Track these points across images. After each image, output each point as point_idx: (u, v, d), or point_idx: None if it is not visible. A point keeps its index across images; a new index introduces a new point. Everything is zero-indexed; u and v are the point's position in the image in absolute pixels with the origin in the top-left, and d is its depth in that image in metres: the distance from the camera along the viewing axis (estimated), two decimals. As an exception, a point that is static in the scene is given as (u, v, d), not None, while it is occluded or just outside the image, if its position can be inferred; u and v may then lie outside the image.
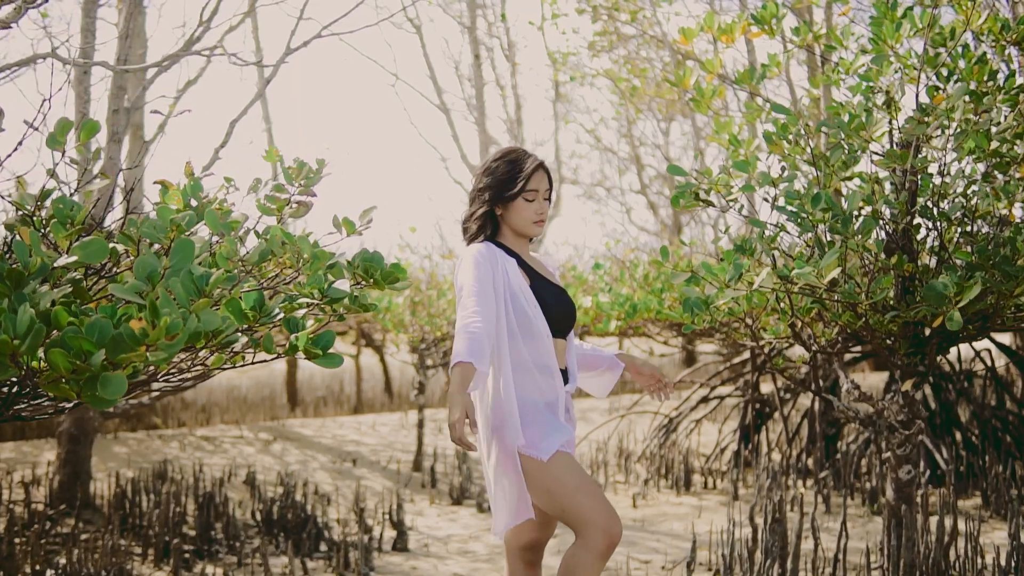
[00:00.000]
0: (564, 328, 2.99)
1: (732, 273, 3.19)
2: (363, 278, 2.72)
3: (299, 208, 2.85)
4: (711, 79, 6.01)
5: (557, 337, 2.95)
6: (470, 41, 13.35)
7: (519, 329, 2.87)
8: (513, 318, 2.87)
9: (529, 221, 2.98)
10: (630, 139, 20.47)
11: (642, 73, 15.30)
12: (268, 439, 7.83)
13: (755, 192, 3.55)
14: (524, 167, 3.00)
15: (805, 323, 3.84)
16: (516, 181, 2.96)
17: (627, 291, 7.05)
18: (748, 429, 7.62)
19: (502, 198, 2.96)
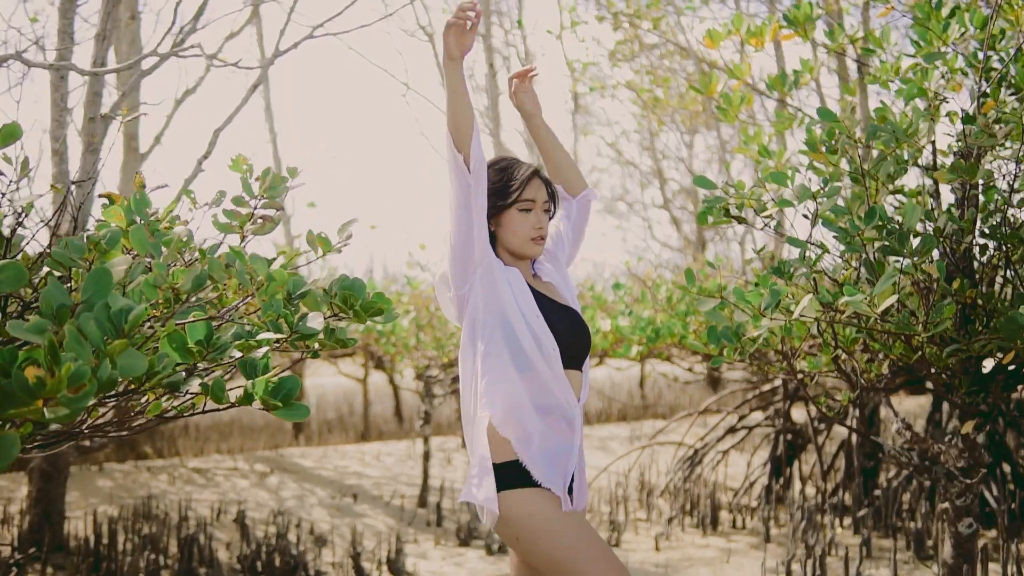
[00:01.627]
0: (579, 357, 2.66)
1: (768, 300, 2.83)
2: (341, 309, 2.39)
3: (264, 224, 2.51)
4: (739, 86, 5.66)
5: (570, 368, 2.61)
6: (484, 49, 13.05)
7: (512, 360, 2.53)
8: (503, 346, 2.53)
9: (526, 237, 2.66)
10: (652, 152, 20.13)
11: (665, 83, 14.98)
12: (264, 471, 7.50)
13: (793, 207, 3.20)
14: (516, 174, 2.68)
15: (850, 356, 3.48)
16: (508, 190, 2.64)
17: (649, 313, 6.70)
18: (779, 461, 7.23)
19: (493, 209, 2.64)
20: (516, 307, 2.55)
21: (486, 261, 2.58)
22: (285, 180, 2.55)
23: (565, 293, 2.78)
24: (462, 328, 2.65)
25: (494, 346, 2.53)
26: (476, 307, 2.57)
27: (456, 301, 2.62)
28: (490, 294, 2.56)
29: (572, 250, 2.93)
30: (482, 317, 2.56)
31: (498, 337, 2.53)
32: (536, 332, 2.53)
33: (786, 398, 7.26)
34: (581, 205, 2.93)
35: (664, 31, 13.76)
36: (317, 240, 2.65)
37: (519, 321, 2.53)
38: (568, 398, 2.56)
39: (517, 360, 2.52)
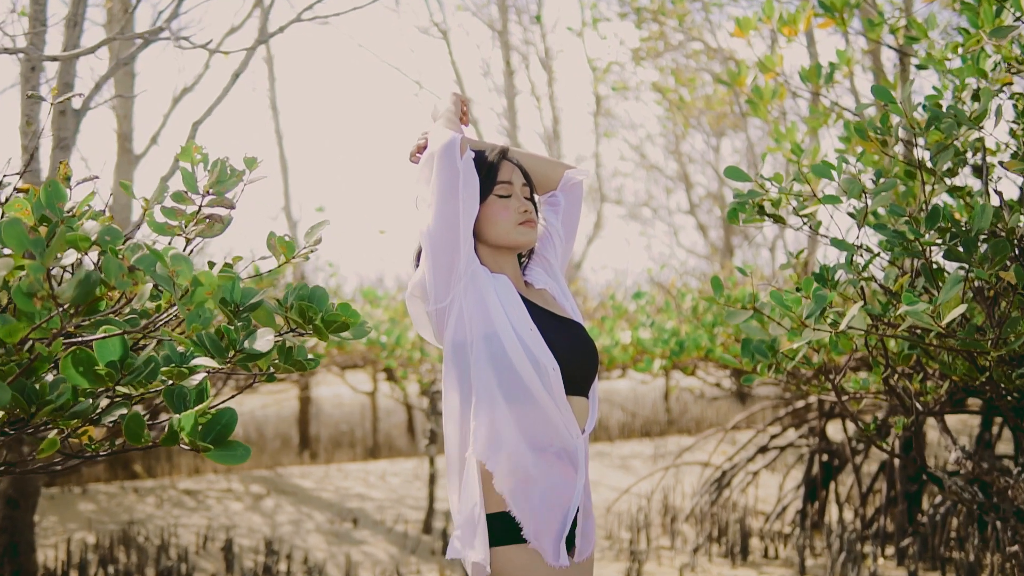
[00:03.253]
0: (584, 381, 2.30)
1: (812, 309, 2.46)
2: (299, 324, 2.04)
3: (211, 224, 2.16)
4: (770, 78, 5.31)
5: (573, 394, 2.25)
6: (501, 46, 12.73)
7: (501, 386, 2.17)
8: (491, 369, 2.17)
9: (512, 222, 2.33)
10: (678, 155, 19.76)
11: (690, 83, 14.62)
12: (260, 493, 7.15)
13: (838, 205, 2.82)
14: (485, 158, 2.38)
15: (903, 375, 3.10)
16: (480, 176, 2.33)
17: (673, 324, 6.32)
18: (814, 483, 6.83)
19: None
20: (506, 320, 2.20)
21: (471, 269, 2.24)
22: (236, 172, 2.20)
23: (563, 303, 2.44)
24: (443, 350, 2.29)
25: (481, 370, 2.17)
26: (459, 323, 2.23)
27: (434, 317, 2.27)
28: (475, 307, 2.22)
29: (566, 247, 2.59)
30: (466, 335, 2.21)
31: (484, 358, 2.17)
32: (531, 350, 2.17)
33: (821, 415, 6.87)
34: (569, 190, 2.59)
35: (690, 28, 13.41)
36: (279, 244, 2.31)
37: (510, 337, 2.18)
38: (571, 430, 2.20)
39: (508, 386, 2.16)
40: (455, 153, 2.24)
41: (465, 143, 2.31)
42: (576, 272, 18.20)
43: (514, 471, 2.13)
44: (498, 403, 2.14)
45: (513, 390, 2.15)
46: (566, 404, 2.19)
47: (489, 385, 2.15)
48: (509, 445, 2.14)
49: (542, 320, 2.27)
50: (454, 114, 2.44)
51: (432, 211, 2.22)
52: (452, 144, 2.25)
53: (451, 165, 2.23)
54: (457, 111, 2.47)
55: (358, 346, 7.38)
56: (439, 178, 2.23)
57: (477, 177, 2.28)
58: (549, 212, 2.56)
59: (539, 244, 2.53)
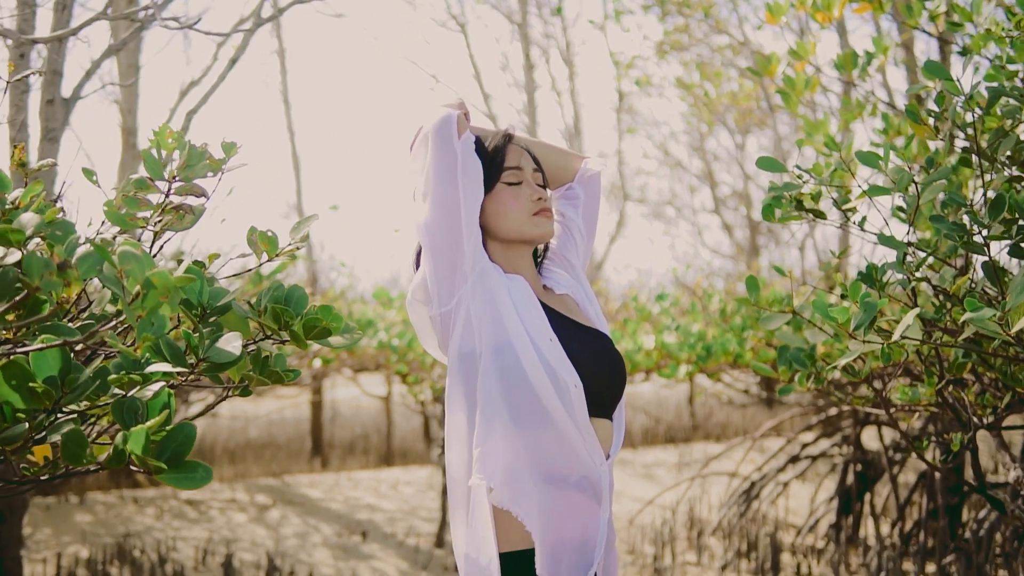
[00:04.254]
0: (610, 400, 2.05)
1: (862, 319, 2.21)
2: (271, 330, 1.81)
3: (180, 215, 1.93)
4: (802, 67, 5.06)
5: (597, 416, 2.00)
6: (521, 39, 12.49)
7: (511, 407, 1.92)
8: (502, 385, 1.93)
9: (526, 212, 2.08)
10: (702, 153, 19.48)
11: (716, 77, 14.36)
12: (266, 503, 6.94)
13: (889, 195, 2.57)
14: (489, 143, 2.13)
15: (957, 386, 2.85)
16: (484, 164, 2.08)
17: (699, 328, 6.07)
18: (848, 495, 6.56)
19: None
20: (521, 328, 1.94)
21: (479, 267, 1.99)
22: (210, 156, 1.97)
23: (588, 309, 2.18)
24: (447, 362, 2.05)
25: (490, 385, 1.92)
26: (466, 330, 1.97)
27: (439, 323, 2.01)
28: (485, 311, 1.96)
29: (587, 245, 2.33)
30: (475, 345, 1.96)
31: (494, 372, 1.92)
32: (550, 364, 1.92)
33: (856, 423, 6.60)
34: (586, 181, 2.34)
35: (716, 22, 13.16)
36: (260, 241, 2.08)
37: (526, 348, 1.92)
38: (595, 457, 1.95)
39: (522, 406, 1.91)
40: (451, 131, 1.99)
41: (464, 122, 2.05)
42: (598, 272, 17.95)
43: (527, 506, 1.89)
44: (509, 425, 1.90)
45: (527, 410, 1.90)
46: (589, 427, 1.93)
47: (499, 404, 1.90)
48: (521, 475, 1.89)
49: (563, 329, 2.02)
50: (456, 106, 2.17)
51: (429, 201, 1.98)
52: (447, 121, 1.99)
53: (447, 146, 1.98)
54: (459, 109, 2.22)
55: (370, 349, 7.16)
56: (435, 161, 1.98)
57: (479, 160, 2.02)
58: (567, 207, 2.32)
59: (558, 243, 2.29)
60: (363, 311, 8.19)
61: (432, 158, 1.99)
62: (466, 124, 2.08)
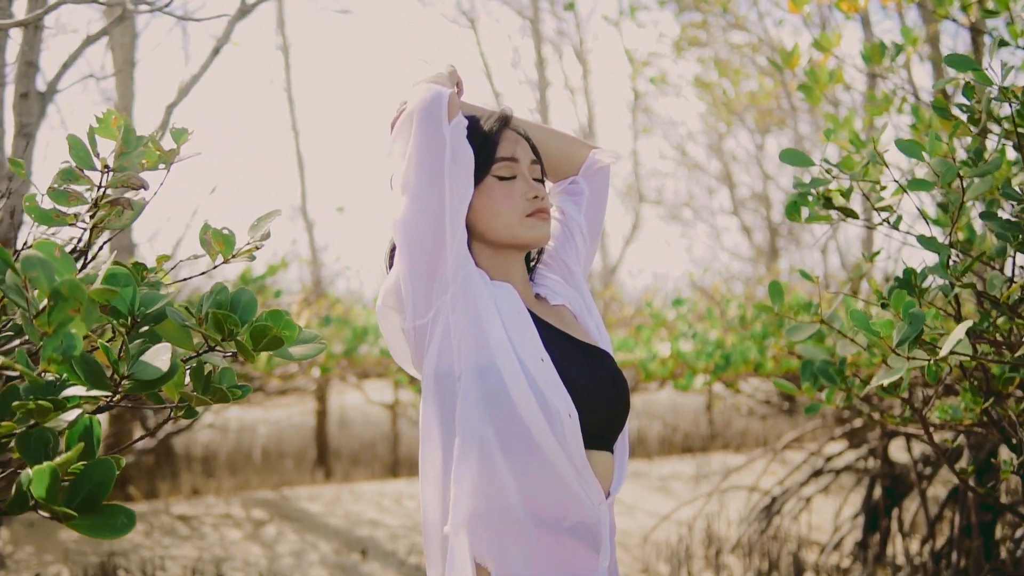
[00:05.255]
0: (610, 431, 1.80)
1: (907, 333, 1.96)
2: (212, 339, 1.58)
3: (117, 211, 1.70)
4: (826, 60, 4.83)
5: (595, 448, 1.76)
6: (532, 35, 12.27)
7: (499, 438, 1.67)
8: (485, 413, 1.68)
9: (518, 214, 1.82)
10: (719, 153, 19.21)
11: (735, 74, 14.12)
12: (262, 518, 6.71)
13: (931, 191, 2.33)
14: (480, 126, 1.85)
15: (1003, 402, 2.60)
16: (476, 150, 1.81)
17: (717, 335, 5.82)
18: (875, 511, 6.30)
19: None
20: (507, 346, 1.69)
21: (462, 274, 1.74)
22: (143, 141, 1.75)
23: (587, 323, 1.93)
24: (421, 383, 1.80)
25: (470, 413, 1.68)
26: (444, 347, 1.73)
27: (412, 336, 1.77)
28: (466, 326, 1.71)
29: (589, 248, 2.06)
30: (453, 365, 1.71)
31: (476, 398, 1.68)
32: (541, 389, 1.68)
33: (883, 435, 6.35)
34: (593, 175, 2.07)
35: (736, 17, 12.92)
36: (214, 239, 1.85)
37: (512, 370, 1.67)
38: (593, 496, 1.70)
39: (507, 437, 1.66)
40: (440, 113, 1.73)
41: (456, 101, 1.80)
42: (612, 276, 17.68)
43: (513, 556, 1.64)
44: (491, 460, 1.65)
45: (514, 443, 1.66)
46: (585, 463, 1.69)
47: (480, 435, 1.66)
48: (505, 520, 1.65)
49: (558, 347, 1.77)
50: (447, 77, 1.91)
51: (408, 193, 1.73)
52: (436, 101, 1.74)
53: (435, 130, 1.73)
54: (451, 80, 1.94)
55: (372, 355, 6.94)
56: (418, 147, 1.73)
57: (471, 149, 1.77)
58: (569, 203, 2.05)
59: (555, 245, 2.02)
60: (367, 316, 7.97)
61: (416, 143, 1.74)
62: (459, 104, 1.83)
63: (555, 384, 1.68)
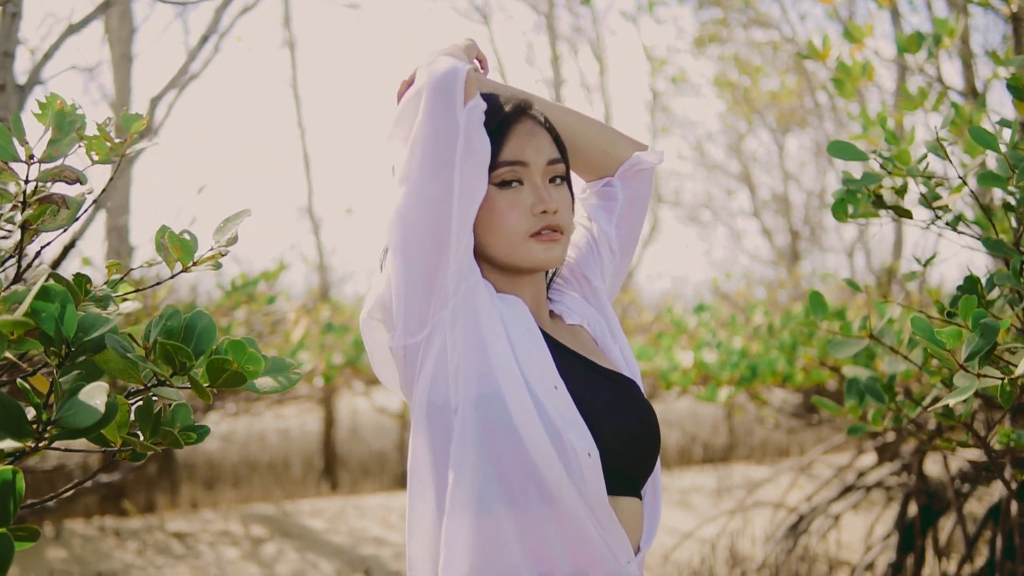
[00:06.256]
0: (639, 472, 1.54)
1: (978, 346, 1.71)
2: (160, 372, 1.34)
3: (50, 210, 1.47)
4: (857, 51, 4.59)
5: (621, 494, 1.50)
6: (547, 31, 12.03)
7: (500, 481, 1.42)
8: (487, 450, 1.43)
9: (522, 231, 1.55)
10: (738, 154, 18.94)
11: (756, 72, 13.88)
12: (262, 536, 6.47)
13: (1003, 188, 2.07)
14: (493, 111, 1.56)
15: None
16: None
17: (741, 343, 5.57)
18: (909, 529, 6.04)
19: None
20: (515, 371, 1.44)
21: (465, 285, 1.48)
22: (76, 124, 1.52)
23: (609, 347, 1.66)
24: (410, 413, 1.55)
25: (469, 451, 1.43)
26: (438, 373, 1.48)
27: (401, 357, 1.52)
28: (468, 348, 1.46)
29: (620, 264, 1.78)
30: (449, 394, 1.46)
31: (476, 433, 1.43)
32: (554, 422, 1.43)
33: (919, 449, 6.08)
34: (632, 177, 1.77)
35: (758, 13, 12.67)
36: (171, 245, 1.61)
37: (520, 400, 1.43)
38: (618, 552, 1.44)
39: (512, 480, 1.42)
40: (455, 93, 1.46)
41: (474, 81, 1.52)
42: (630, 280, 17.43)
43: None
44: (494, 509, 1.41)
45: (520, 488, 1.41)
46: (608, 511, 1.43)
47: (480, 478, 1.42)
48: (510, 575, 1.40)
49: (575, 373, 1.52)
50: (465, 51, 1.63)
51: (409, 185, 1.48)
52: (452, 76, 1.47)
53: (447, 111, 1.46)
54: (471, 54, 1.66)
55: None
56: (426, 132, 1.47)
57: (487, 138, 1.50)
58: (599, 210, 1.78)
59: (577, 256, 1.76)
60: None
61: (423, 126, 1.47)
62: (477, 84, 1.56)
63: (571, 416, 1.44)
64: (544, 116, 1.63)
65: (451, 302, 1.47)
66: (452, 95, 1.46)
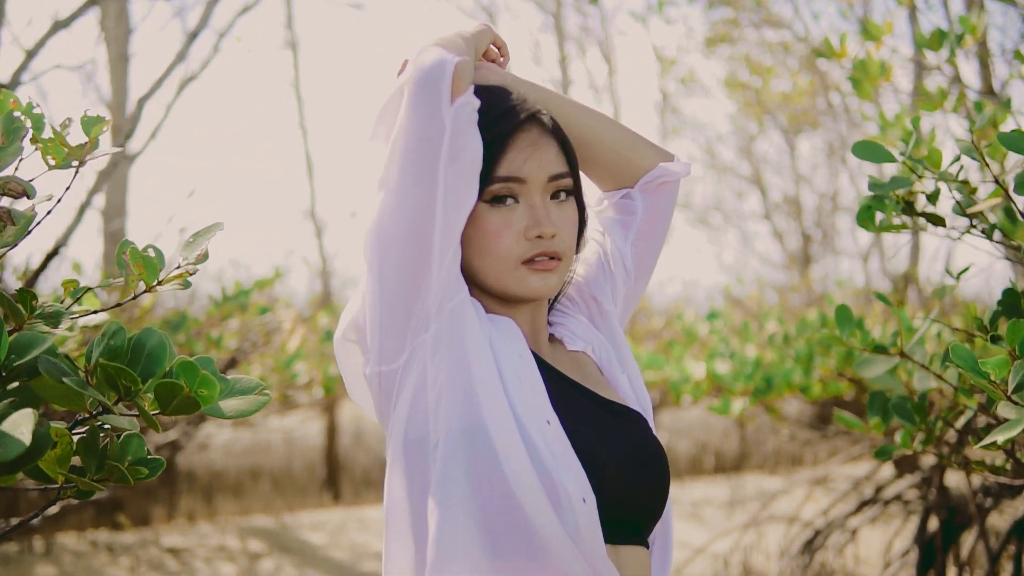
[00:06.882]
0: (644, 518, 1.38)
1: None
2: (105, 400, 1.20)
3: None
4: (877, 49, 4.46)
5: (623, 543, 1.34)
6: (555, 31, 11.91)
7: (482, 530, 1.27)
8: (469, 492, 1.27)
9: (513, 256, 1.38)
10: (748, 155, 18.80)
11: (767, 73, 13.75)
12: (259, 551, 6.34)
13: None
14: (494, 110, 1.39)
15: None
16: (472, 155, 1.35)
17: (755, 351, 5.42)
18: (930, 545, 5.90)
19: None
20: (503, 403, 1.29)
21: (449, 307, 1.33)
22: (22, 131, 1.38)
23: (616, 377, 1.50)
24: (387, 447, 1.40)
25: (450, 494, 1.27)
26: (417, 404, 1.32)
27: (376, 385, 1.36)
28: (451, 376, 1.30)
29: (636, 287, 1.61)
30: (428, 428, 1.31)
31: (456, 474, 1.27)
32: (545, 463, 1.27)
33: (939, 463, 5.94)
34: (655, 191, 1.58)
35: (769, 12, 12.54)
36: (133, 261, 1.46)
37: (508, 435, 1.27)
38: None
39: (497, 527, 1.26)
40: (442, 88, 1.30)
41: (466, 74, 1.34)
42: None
43: None
44: (476, 562, 1.25)
45: (506, 537, 1.26)
46: (607, 562, 1.27)
47: (461, 524, 1.26)
48: None
49: (573, 405, 1.37)
50: (469, 38, 1.44)
51: (388, 192, 1.33)
52: (438, 70, 1.31)
53: (431, 110, 1.30)
54: (481, 42, 1.48)
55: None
56: (407, 131, 1.31)
57: (480, 141, 1.33)
58: (615, 224, 1.59)
59: (586, 274, 1.58)
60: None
61: (404, 125, 1.32)
62: (470, 77, 1.36)
63: (565, 455, 1.28)
64: (553, 121, 1.46)
65: (433, 325, 1.32)
66: (437, 91, 1.30)
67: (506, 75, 1.53)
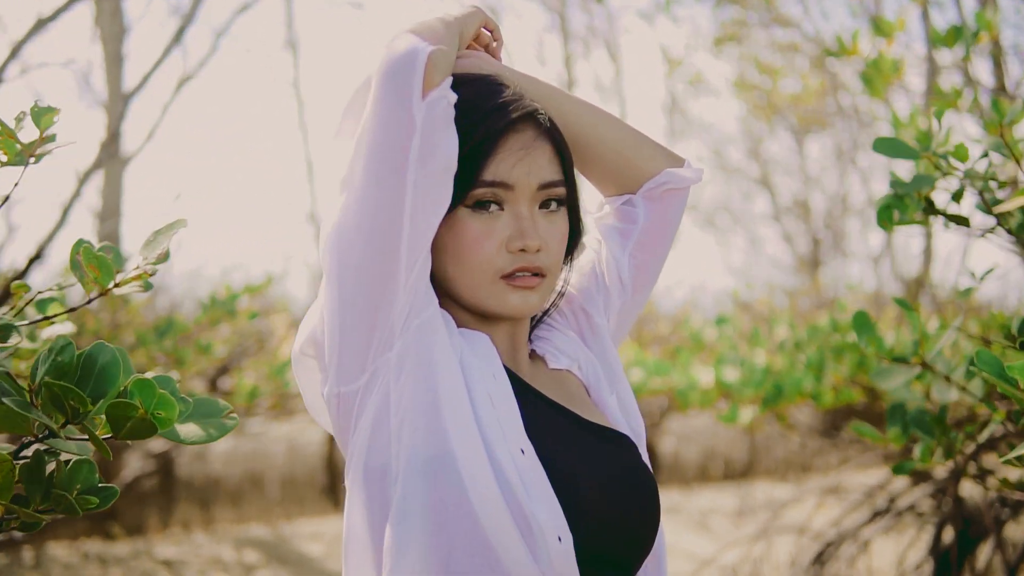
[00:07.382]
0: (629, 556, 1.25)
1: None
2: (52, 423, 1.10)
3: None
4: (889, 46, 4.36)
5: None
6: (560, 30, 11.84)
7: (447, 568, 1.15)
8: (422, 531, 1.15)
9: (492, 269, 1.26)
10: (757, 157, 18.73)
11: (776, 73, 13.67)
12: (255, 563, 6.25)
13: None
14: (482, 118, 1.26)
15: None
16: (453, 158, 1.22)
17: (764, 357, 5.32)
18: (946, 556, 5.79)
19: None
20: (472, 429, 1.18)
21: (416, 323, 1.21)
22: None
23: (604, 398, 1.38)
24: (346, 474, 1.29)
25: (413, 527, 1.16)
26: (377, 431, 1.20)
27: (335, 407, 1.25)
28: (414, 398, 1.19)
29: (634, 300, 1.48)
30: (389, 457, 1.19)
31: (423, 504, 1.16)
32: (516, 496, 1.15)
33: (955, 473, 5.84)
34: (659, 198, 1.46)
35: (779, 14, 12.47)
36: (86, 263, 1.35)
37: (475, 462, 1.16)
38: None
39: (463, 568, 1.13)
40: (412, 81, 1.18)
41: (441, 64, 1.22)
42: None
43: None
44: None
45: (474, 572, 1.14)
46: None
47: (424, 561, 1.14)
48: None
49: (552, 432, 1.26)
50: (452, 23, 1.32)
51: (350, 193, 1.21)
52: (408, 60, 1.19)
53: (399, 105, 1.18)
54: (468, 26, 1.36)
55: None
56: (373, 127, 1.19)
57: (455, 138, 1.22)
58: (613, 232, 1.48)
59: (578, 285, 1.47)
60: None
61: (370, 120, 1.21)
62: (446, 68, 1.24)
63: (539, 487, 1.17)
64: (551, 122, 1.34)
65: (398, 343, 1.20)
66: (407, 83, 1.18)
67: (499, 65, 1.41)
